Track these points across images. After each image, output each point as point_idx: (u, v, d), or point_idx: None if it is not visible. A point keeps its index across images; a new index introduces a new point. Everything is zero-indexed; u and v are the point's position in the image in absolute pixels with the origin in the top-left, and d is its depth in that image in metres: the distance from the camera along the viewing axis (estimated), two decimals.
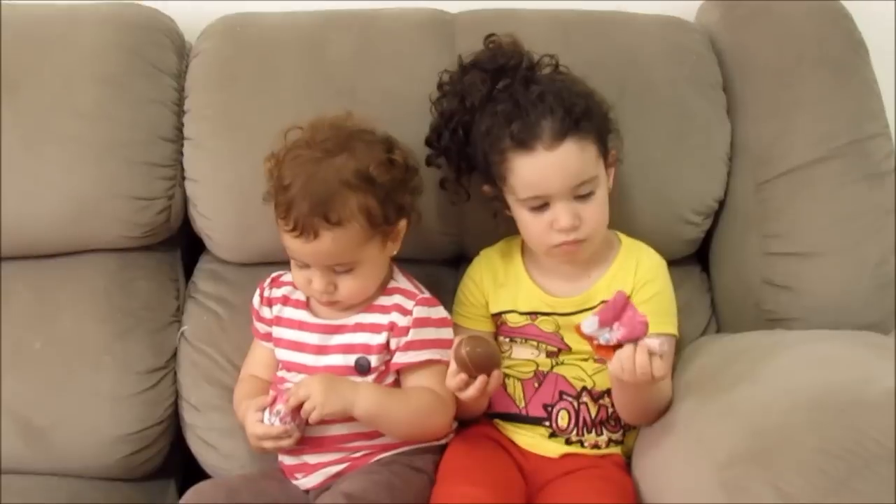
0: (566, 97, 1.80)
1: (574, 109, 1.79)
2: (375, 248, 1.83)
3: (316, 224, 1.74)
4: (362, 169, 1.79)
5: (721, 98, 2.13)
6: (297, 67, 2.08)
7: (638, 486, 1.84)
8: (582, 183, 1.80)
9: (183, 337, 2.13)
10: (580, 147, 1.79)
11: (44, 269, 2.12)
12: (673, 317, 1.92)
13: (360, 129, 1.87)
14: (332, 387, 1.77)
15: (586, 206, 1.82)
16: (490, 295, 1.98)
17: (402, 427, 1.85)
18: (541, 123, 1.78)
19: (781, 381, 1.67)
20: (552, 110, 1.78)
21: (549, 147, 1.78)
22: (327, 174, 1.77)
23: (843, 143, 2.02)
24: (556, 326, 1.92)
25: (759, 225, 2.06)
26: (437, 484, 1.84)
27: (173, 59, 2.16)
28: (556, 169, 1.79)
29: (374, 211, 1.78)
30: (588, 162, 1.81)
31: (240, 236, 2.08)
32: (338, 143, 1.81)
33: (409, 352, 1.85)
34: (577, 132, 1.78)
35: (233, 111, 2.08)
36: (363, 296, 1.87)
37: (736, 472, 1.51)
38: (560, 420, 1.91)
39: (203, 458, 2.09)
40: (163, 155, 2.09)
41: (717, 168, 2.10)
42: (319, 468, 1.88)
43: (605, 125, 1.88)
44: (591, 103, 1.84)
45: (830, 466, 1.41)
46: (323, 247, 1.77)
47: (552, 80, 1.88)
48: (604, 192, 1.85)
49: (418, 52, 2.10)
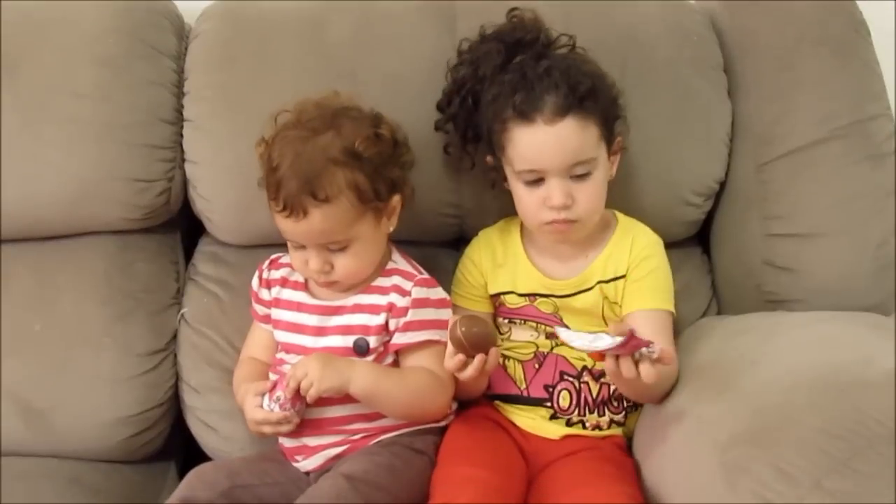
0: (573, 75, 1.80)
1: (579, 87, 1.78)
2: (369, 225, 1.83)
3: (304, 202, 1.75)
4: (348, 145, 1.79)
5: (722, 79, 2.12)
6: (297, 49, 2.07)
7: (639, 467, 1.84)
8: (578, 162, 1.80)
9: (183, 319, 2.13)
10: (581, 126, 1.78)
11: (44, 251, 2.12)
12: (669, 293, 1.92)
13: (346, 106, 1.86)
14: (328, 363, 1.77)
15: (581, 187, 1.82)
16: (489, 275, 1.98)
17: (400, 406, 1.85)
18: (544, 97, 1.78)
19: (782, 362, 1.67)
20: (557, 86, 1.78)
21: (549, 121, 1.78)
22: (314, 152, 1.77)
23: (845, 123, 2.01)
24: (554, 308, 1.93)
25: (759, 206, 2.05)
26: (438, 465, 1.84)
27: (173, 41, 2.16)
28: (553, 144, 1.79)
29: (362, 186, 1.78)
30: (587, 142, 1.80)
31: (240, 218, 2.08)
32: (324, 122, 1.81)
33: (408, 332, 1.85)
34: (580, 111, 1.78)
35: (232, 93, 2.07)
36: (360, 275, 1.87)
37: (737, 452, 1.51)
38: (562, 400, 1.91)
39: (203, 440, 2.10)
40: (162, 137, 2.08)
41: (717, 149, 2.09)
42: (319, 450, 1.88)
43: (611, 109, 1.88)
44: (599, 85, 1.84)
45: (832, 447, 1.41)
46: (314, 225, 1.77)
47: (564, 58, 1.88)
48: (601, 176, 1.84)
49: (419, 34, 2.09)
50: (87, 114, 2.04)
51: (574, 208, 1.82)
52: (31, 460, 2.04)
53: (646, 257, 1.90)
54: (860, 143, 2.02)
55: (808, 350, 1.70)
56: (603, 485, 1.74)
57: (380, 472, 1.78)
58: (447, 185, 2.06)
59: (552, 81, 1.79)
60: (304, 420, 1.85)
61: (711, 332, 1.94)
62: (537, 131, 1.79)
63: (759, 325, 1.91)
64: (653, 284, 1.88)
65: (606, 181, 1.87)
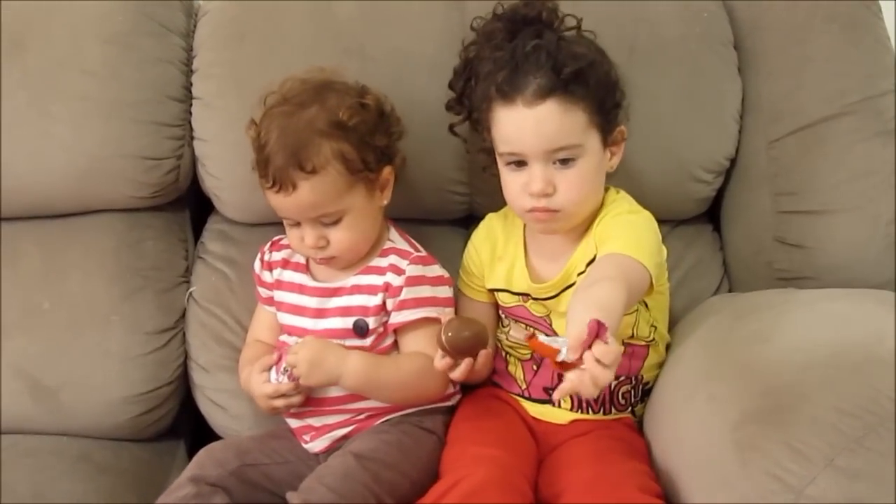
0: (560, 57, 1.73)
1: (563, 70, 1.72)
2: (360, 196, 1.82)
3: (292, 175, 1.75)
4: (333, 117, 1.79)
5: (732, 55, 2.11)
6: (305, 25, 2.07)
7: (650, 446, 1.83)
8: (559, 148, 1.74)
9: (191, 297, 2.13)
10: (563, 110, 1.72)
11: (52, 229, 2.13)
12: (637, 244, 1.72)
13: (331, 80, 1.86)
14: (316, 364, 1.79)
15: (563, 175, 1.76)
16: (486, 268, 1.95)
17: (394, 394, 1.86)
18: (527, 77, 1.72)
19: (794, 339, 1.66)
20: (541, 66, 1.72)
21: (529, 103, 1.72)
22: (299, 125, 1.78)
23: (856, 100, 2.00)
24: (546, 310, 1.89)
25: (770, 183, 2.05)
26: (449, 444, 1.84)
27: (181, 18, 2.16)
28: (531, 127, 1.74)
29: (349, 156, 1.78)
30: (571, 128, 1.74)
31: (248, 195, 2.06)
32: (309, 96, 1.82)
33: (403, 311, 1.85)
34: (563, 94, 1.72)
35: (241, 70, 2.07)
36: (356, 249, 1.87)
37: (749, 430, 1.50)
38: (563, 403, 1.90)
39: (212, 418, 2.10)
40: (171, 114, 2.08)
41: (728, 126, 2.08)
42: (325, 431, 1.89)
43: (607, 96, 1.79)
44: (590, 69, 1.75)
45: (845, 425, 1.40)
46: (303, 198, 1.77)
47: (558, 39, 1.79)
48: (589, 166, 1.77)
49: (427, 10, 2.08)
50: (95, 91, 2.04)
51: (555, 197, 1.76)
52: (40, 438, 2.05)
53: (612, 223, 1.81)
54: (871, 119, 2.01)
55: (819, 327, 1.69)
56: (613, 462, 1.73)
57: (389, 450, 1.79)
58: (455, 162, 2.05)
59: (537, 62, 1.73)
60: (309, 399, 1.86)
61: (722, 310, 1.93)
62: (517, 112, 1.74)
63: (771, 302, 1.90)
64: (613, 232, 1.77)
65: (598, 172, 1.81)
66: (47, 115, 2.03)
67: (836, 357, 1.54)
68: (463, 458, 1.75)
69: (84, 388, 2.04)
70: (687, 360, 1.82)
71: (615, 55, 1.87)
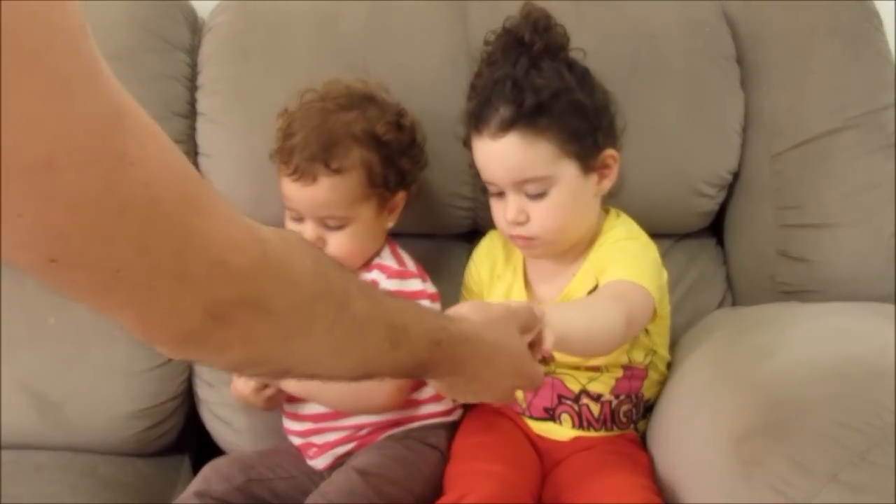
0: (525, 87, 1.73)
1: (525, 102, 1.71)
2: (371, 210, 1.83)
3: (316, 169, 1.75)
4: (370, 127, 1.80)
5: (734, 69, 2.11)
6: (310, 42, 2.07)
7: (653, 461, 1.84)
8: (526, 181, 1.75)
9: None
10: (526, 143, 1.72)
11: None
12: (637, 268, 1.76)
13: (374, 93, 1.88)
14: None
15: (535, 206, 1.76)
16: (485, 287, 1.96)
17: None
18: (491, 109, 1.73)
19: (798, 353, 1.66)
20: (503, 97, 1.73)
21: (493, 136, 1.73)
22: (335, 125, 1.78)
23: (858, 113, 2.01)
24: None
25: (773, 197, 2.05)
26: (452, 461, 1.84)
27: (186, 34, 2.16)
28: (495, 160, 1.76)
29: (375, 168, 1.79)
30: (536, 160, 1.73)
31: (253, 211, 1.97)
32: (351, 101, 1.83)
33: None
34: (525, 127, 1.71)
35: (246, 86, 2.07)
36: (350, 261, 1.85)
37: (752, 445, 1.50)
38: (564, 423, 1.90)
39: (217, 433, 2.10)
40: (176, 130, 2.08)
41: (730, 140, 2.08)
42: (327, 449, 1.89)
43: (579, 124, 1.76)
44: (555, 100, 1.73)
45: (848, 439, 1.40)
46: (320, 193, 1.77)
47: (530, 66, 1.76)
48: (562, 196, 1.76)
49: (430, 27, 2.09)
50: None
51: (529, 225, 1.77)
52: (46, 453, 2.05)
53: (613, 241, 1.83)
54: (873, 133, 2.01)
55: (823, 341, 1.69)
56: (617, 477, 1.74)
57: (392, 465, 1.79)
58: (459, 177, 2.05)
59: (502, 93, 1.73)
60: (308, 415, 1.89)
61: (726, 324, 1.93)
62: (484, 144, 1.76)
63: (774, 316, 1.90)
64: (615, 266, 1.77)
65: (576, 199, 1.79)
66: None
67: (839, 371, 1.54)
68: (467, 474, 1.75)
69: (89, 403, 2.04)
70: (690, 374, 1.82)
71: (616, 70, 1.89)
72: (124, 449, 2.07)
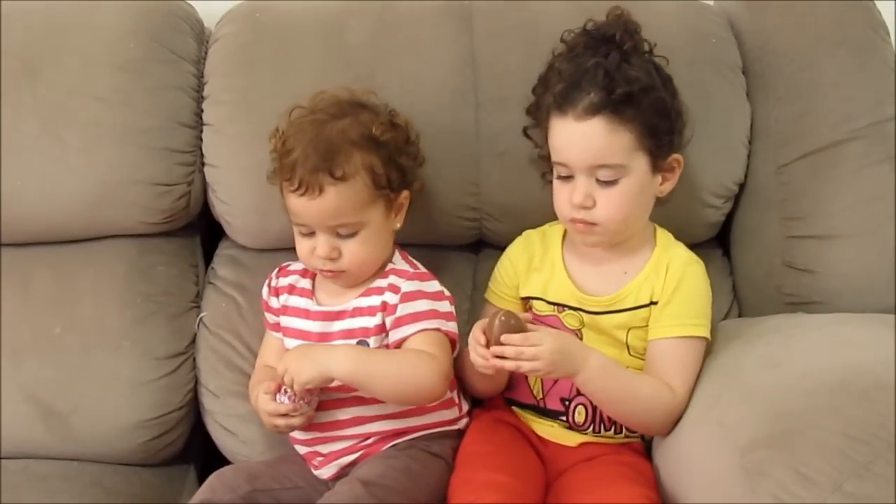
0: (617, 77, 1.76)
1: (616, 90, 1.75)
2: (379, 213, 1.84)
3: (321, 179, 1.76)
4: (365, 130, 1.81)
5: (741, 80, 2.11)
6: (316, 52, 2.08)
7: (658, 472, 1.83)
8: (602, 165, 1.77)
9: (202, 323, 2.13)
10: (610, 129, 1.75)
11: (64, 254, 2.14)
12: (696, 317, 1.85)
13: (361, 99, 1.89)
14: (302, 355, 1.78)
15: (604, 192, 1.79)
16: (522, 277, 1.96)
17: (389, 384, 1.80)
18: (581, 93, 1.76)
19: (803, 364, 1.66)
20: (595, 83, 1.76)
21: (579, 117, 1.76)
22: (332, 133, 1.79)
23: (864, 124, 2.01)
24: (580, 323, 1.89)
25: (779, 208, 2.05)
26: (457, 469, 1.84)
27: (192, 45, 2.17)
28: (578, 141, 1.78)
29: (378, 170, 1.80)
30: (615, 147, 1.77)
31: (259, 221, 2.09)
32: (341, 109, 1.85)
33: (401, 327, 1.83)
34: (612, 113, 1.75)
35: (252, 96, 2.08)
36: (366, 266, 1.86)
37: (758, 456, 1.50)
38: (577, 416, 1.90)
39: (222, 443, 2.10)
40: (182, 140, 2.09)
41: (737, 151, 2.09)
42: (333, 458, 1.89)
43: (660, 122, 1.80)
44: (644, 94, 1.78)
45: (852, 450, 1.41)
46: (327, 203, 1.77)
47: (621, 60, 1.80)
48: (631, 187, 1.80)
49: (436, 37, 2.10)
50: (107, 118, 2.05)
51: (594, 211, 1.80)
52: (52, 463, 2.05)
53: (678, 280, 1.86)
54: (879, 143, 2.01)
55: (828, 353, 1.69)
56: (621, 488, 1.74)
57: (396, 475, 1.78)
58: (465, 187, 2.06)
59: (594, 79, 1.76)
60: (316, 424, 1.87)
61: (732, 335, 1.92)
62: (567, 125, 1.78)
63: (780, 327, 1.89)
64: (677, 310, 1.84)
65: (642, 194, 1.83)
66: (59, 142, 2.04)
67: (844, 382, 1.55)
68: (471, 483, 1.75)
69: (95, 413, 2.04)
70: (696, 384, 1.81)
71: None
72: (130, 459, 2.08)
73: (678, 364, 1.81)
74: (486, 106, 2.04)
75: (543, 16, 1.98)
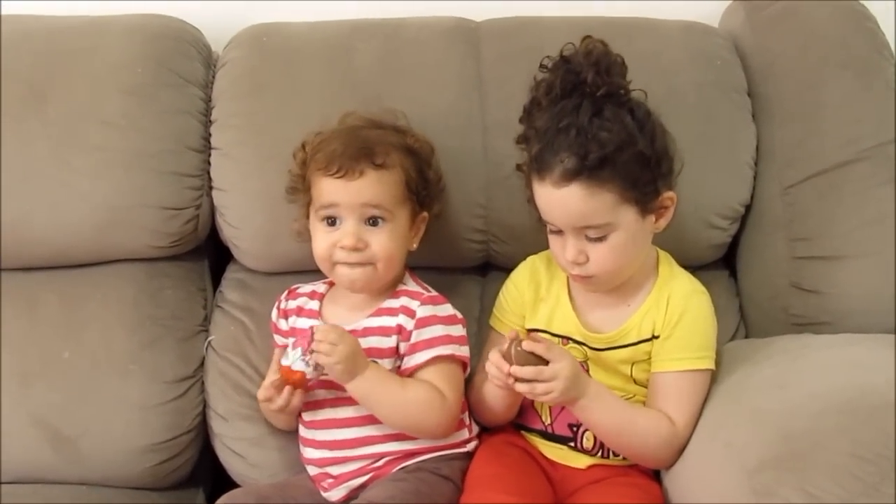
0: (589, 139, 1.71)
1: (589, 156, 1.70)
2: (405, 217, 1.86)
3: (362, 165, 1.80)
4: (401, 138, 1.88)
5: (746, 102, 2.12)
6: (324, 76, 2.09)
7: (667, 493, 1.83)
8: (587, 227, 1.75)
9: (210, 346, 2.13)
10: (588, 193, 1.72)
11: (72, 278, 2.14)
12: (700, 349, 1.84)
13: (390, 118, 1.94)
14: (350, 345, 1.77)
15: (595, 247, 1.77)
16: (528, 308, 1.95)
17: (390, 413, 1.83)
18: (555, 158, 1.73)
19: (810, 385, 1.67)
20: (568, 147, 1.72)
21: (556, 184, 1.73)
22: (370, 135, 1.85)
23: (870, 145, 2.01)
24: (584, 356, 1.89)
25: (786, 229, 2.05)
26: (466, 492, 1.83)
27: (200, 70, 2.18)
28: (558, 207, 1.76)
29: (411, 172, 1.85)
30: (597, 209, 1.74)
31: (267, 245, 2.09)
32: (374, 123, 1.91)
33: (416, 354, 1.85)
34: (589, 179, 1.71)
35: (259, 120, 2.09)
36: (390, 263, 1.86)
37: (766, 477, 1.50)
38: (585, 441, 1.90)
39: (231, 467, 2.10)
40: (190, 164, 2.10)
41: (743, 172, 2.09)
42: (343, 480, 1.89)
43: (640, 173, 1.75)
44: (619, 153, 1.72)
45: (861, 471, 1.41)
46: (366, 185, 1.80)
47: (594, 115, 1.74)
48: (621, 239, 1.77)
49: (443, 60, 2.11)
50: (115, 142, 2.06)
51: (588, 265, 1.78)
52: (60, 487, 2.05)
53: (679, 314, 1.84)
54: (885, 165, 2.01)
55: (835, 373, 1.69)
56: None
57: (406, 498, 1.78)
58: (472, 210, 2.07)
59: (566, 142, 1.72)
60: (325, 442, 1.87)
61: (739, 356, 1.92)
62: (546, 190, 1.76)
63: (787, 348, 1.90)
64: (678, 344, 1.83)
65: (635, 241, 1.80)
66: (67, 166, 2.05)
67: (851, 403, 1.55)
68: None
69: (104, 437, 2.04)
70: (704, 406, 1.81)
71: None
72: (139, 483, 2.07)
73: (678, 397, 1.81)
74: (493, 129, 2.05)
75: (550, 39, 1.97)
